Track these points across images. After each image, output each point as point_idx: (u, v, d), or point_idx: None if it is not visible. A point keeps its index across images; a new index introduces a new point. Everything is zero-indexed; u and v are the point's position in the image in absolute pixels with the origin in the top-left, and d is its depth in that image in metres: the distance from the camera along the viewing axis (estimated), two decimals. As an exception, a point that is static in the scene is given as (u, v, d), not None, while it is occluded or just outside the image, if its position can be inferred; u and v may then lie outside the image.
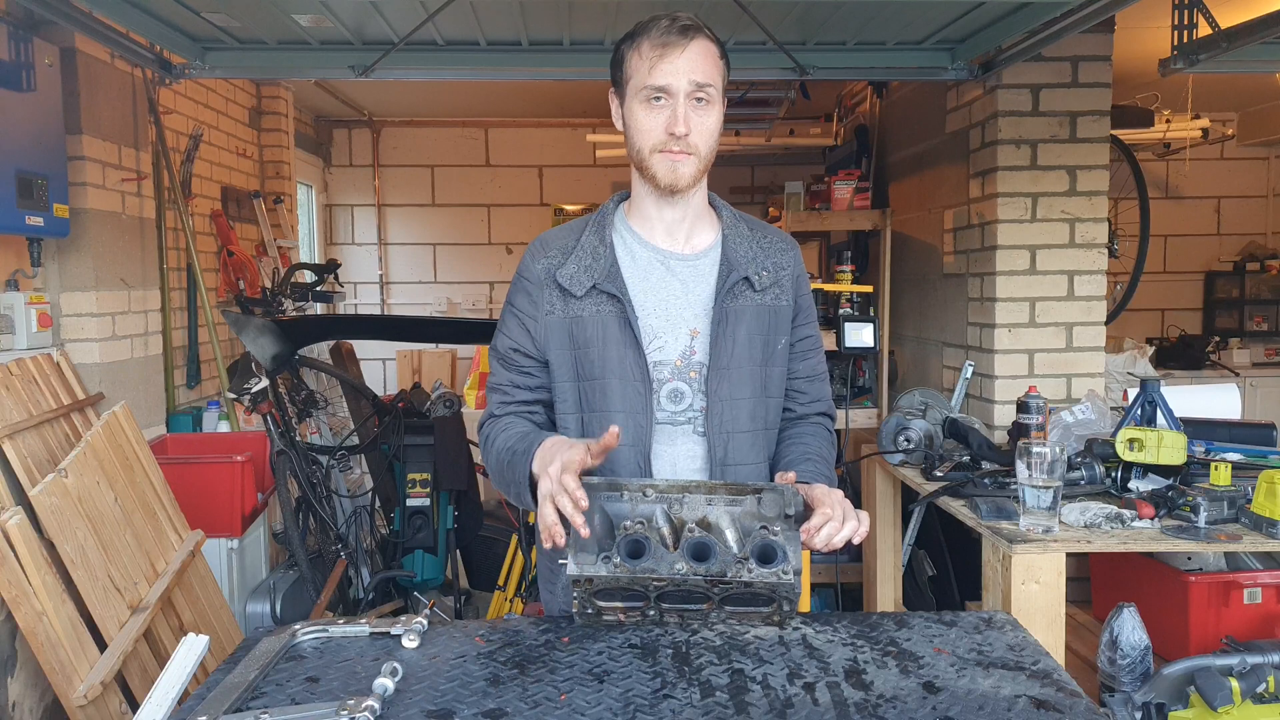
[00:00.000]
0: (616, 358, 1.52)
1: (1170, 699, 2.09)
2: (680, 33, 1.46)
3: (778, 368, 1.61)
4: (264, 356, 3.42)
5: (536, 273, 1.58)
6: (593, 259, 1.55)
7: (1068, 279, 3.30)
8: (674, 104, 1.47)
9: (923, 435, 3.02)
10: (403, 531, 3.64)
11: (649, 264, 1.57)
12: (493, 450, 1.55)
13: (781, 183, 4.50)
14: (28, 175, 2.71)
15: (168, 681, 1.27)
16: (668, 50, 1.46)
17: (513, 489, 1.51)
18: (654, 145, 1.49)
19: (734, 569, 1.30)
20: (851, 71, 3.45)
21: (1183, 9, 2.59)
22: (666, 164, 1.50)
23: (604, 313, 1.53)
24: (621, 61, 1.53)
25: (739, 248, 1.58)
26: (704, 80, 1.47)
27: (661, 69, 1.46)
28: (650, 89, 1.47)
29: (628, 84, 1.52)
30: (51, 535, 2.29)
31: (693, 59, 1.46)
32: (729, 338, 1.54)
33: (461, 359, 6.69)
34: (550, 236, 1.63)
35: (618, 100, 1.56)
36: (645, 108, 1.49)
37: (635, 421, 1.52)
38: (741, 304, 1.55)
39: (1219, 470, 2.34)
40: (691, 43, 1.47)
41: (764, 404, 1.59)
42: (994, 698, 1.14)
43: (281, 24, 2.89)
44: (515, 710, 1.12)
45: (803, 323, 1.65)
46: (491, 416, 1.62)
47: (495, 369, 1.64)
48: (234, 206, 4.68)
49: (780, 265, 1.61)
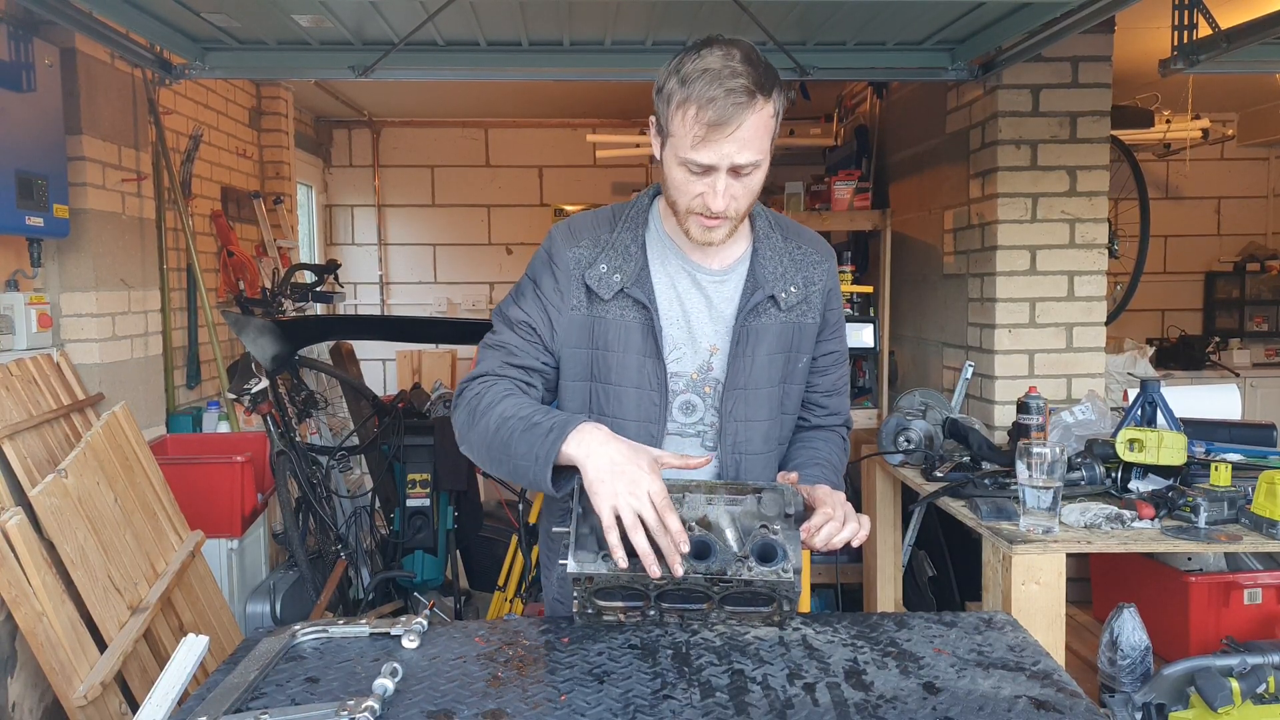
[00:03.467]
0: (636, 365, 1.49)
1: (1170, 699, 2.09)
2: (734, 109, 1.31)
3: (796, 385, 1.58)
4: (264, 357, 3.42)
5: (567, 262, 1.51)
6: (624, 259, 1.49)
7: (1068, 279, 3.30)
8: (716, 179, 1.37)
9: (923, 436, 3.02)
10: (403, 532, 3.64)
11: (678, 273, 1.53)
12: (492, 413, 1.40)
13: (781, 183, 4.49)
14: (28, 175, 2.71)
15: (168, 682, 1.27)
16: (712, 131, 1.32)
17: (524, 461, 1.34)
18: (689, 208, 1.42)
19: (734, 567, 1.30)
20: (851, 72, 3.45)
21: (1183, 9, 2.59)
22: (700, 227, 1.43)
23: (628, 318, 1.49)
24: (665, 103, 1.39)
25: (769, 262, 1.53)
26: (748, 159, 1.36)
27: (706, 150, 1.34)
28: (693, 162, 1.36)
29: (668, 137, 1.40)
30: (51, 536, 2.29)
31: (742, 140, 1.34)
32: (748, 357, 1.50)
33: (461, 359, 6.69)
34: (581, 224, 1.55)
35: (657, 134, 1.44)
36: (683, 171, 1.39)
37: (647, 431, 1.50)
38: (764, 322, 1.51)
39: (1219, 471, 2.34)
40: (744, 122, 1.33)
41: (779, 423, 1.56)
42: (994, 698, 1.14)
43: (281, 24, 2.89)
44: (515, 711, 1.12)
45: (829, 337, 1.61)
46: (489, 374, 1.49)
47: (500, 329, 1.53)
48: (234, 207, 4.68)
49: (810, 280, 1.56)
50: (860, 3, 2.70)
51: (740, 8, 2.65)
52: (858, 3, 2.70)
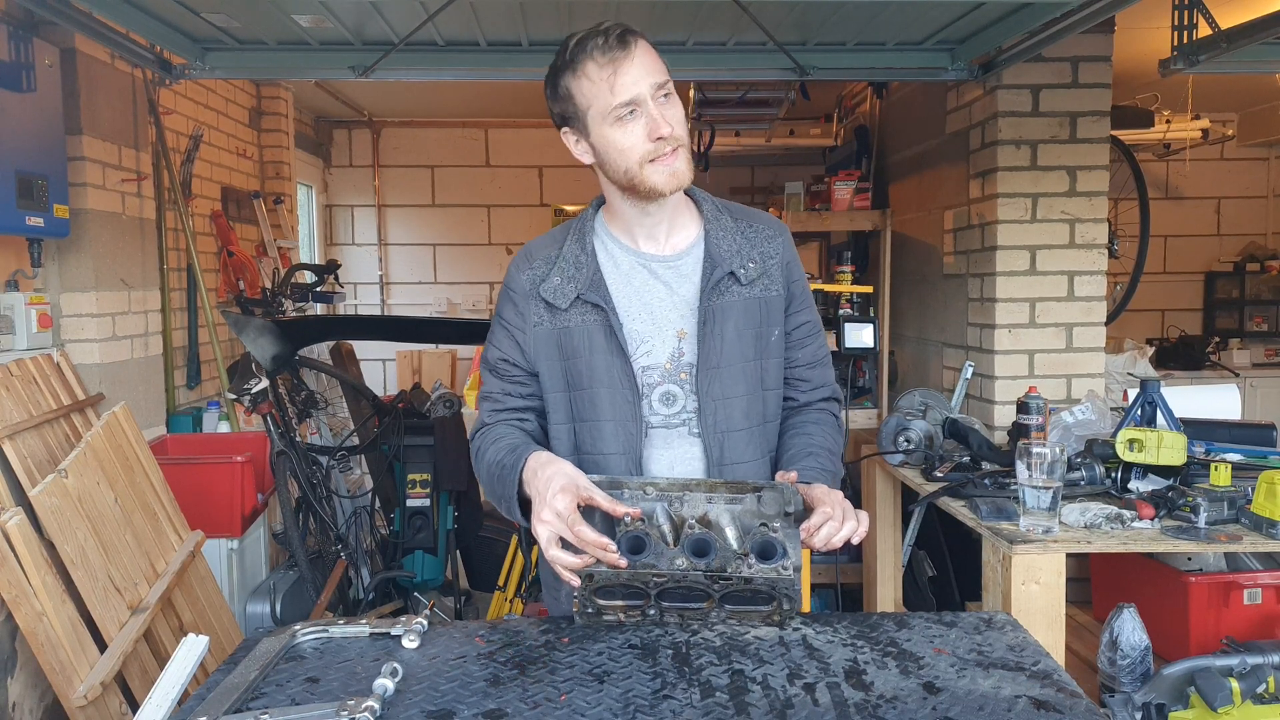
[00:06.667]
0: (604, 366, 1.51)
1: (1170, 699, 2.09)
2: (620, 43, 1.42)
3: (774, 359, 1.58)
4: (264, 357, 3.41)
5: (521, 284, 1.57)
6: (575, 269, 1.54)
7: (1068, 279, 3.30)
8: (646, 110, 1.43)
9: (923, 436, 3.02)
10: (403, 532, 3.64)
11: (631, 269, 1.55)
12: (483, 463, 1.55)
13: (781, 183, 4.50)
14: (28, 176, 2.71)
15: (168, 682, 1.27)
16: (619, 64, 1.42)
17: (503, 504, 1.50)
18: (642, 157, 1.45)
19: (734, 564, 1.30)
20: (851, 72, 3.45)
21: (1183, 9, 2.59)
22: (664, 170, 1.45)
23: (589, 322, 1.52)
24: (568, 95, 1.47)
25: (722, 241, 1.55)
26: (661, 79, 1.44)
27: (622, 83, 1.42)
28: (619, 107, 1.42)
29: (587, 113, 1.46)
30: (51, 536, 2.29)
31: (644, 63, 1.43)
32: (716, 336, 1.51)
33: (461, 359, 6.69)
34: (534, 247, 1.61)
35: (576, 134, 1.51)
36: (618, 127, 1.44)
37: (625, 430, 1.51)
38: (728, 300, 1.53)
39: (1219, 471, 2.34)
40: (636, 48, 1.43)
41: (760, 399, 1.56)
42: (994, 698, 1.14)
43: (281, 24, 2.89)
44: (515, 711, 1.12)
45: (798, 309, 1.61)
46: (483, 426, 1.60)
47: (486, 378, 1.62)
48: (234, 207, 4.68)
49: (768, 254, 1.57)
50: (860, 3, 2.70)
51: (740, 8, 2.65)
52: (858, 3, 2.70)
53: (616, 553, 1.28)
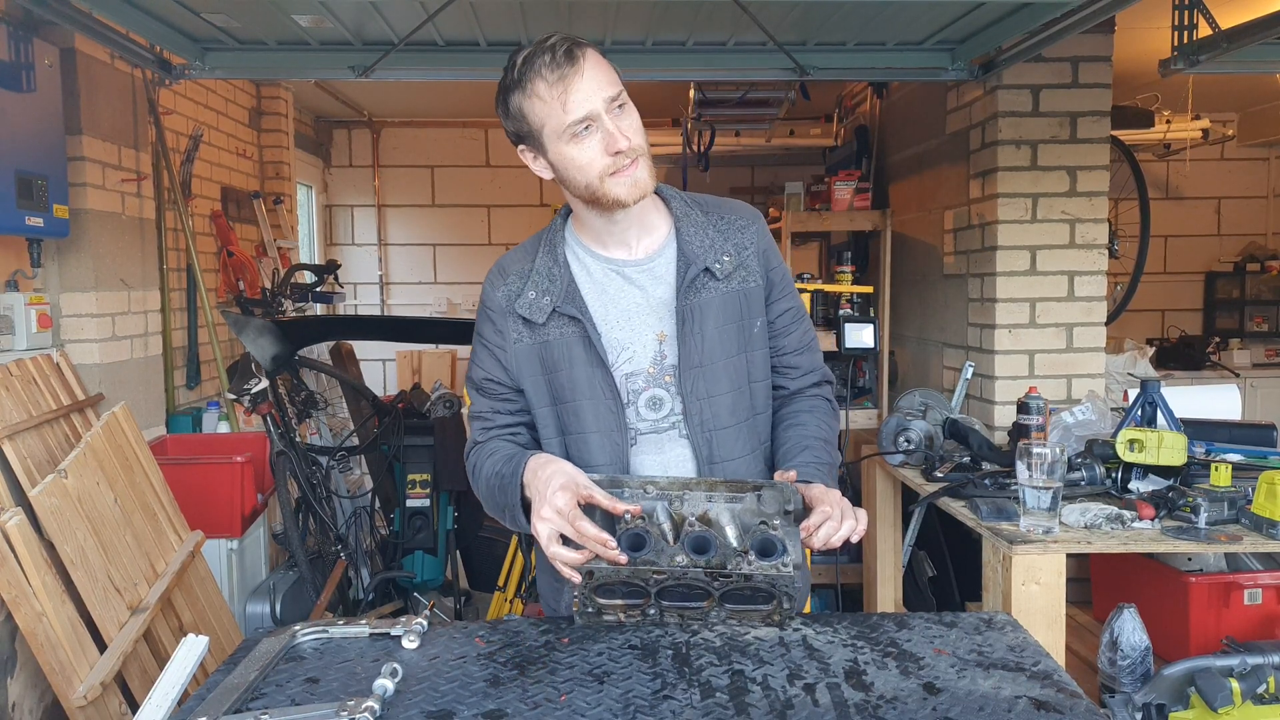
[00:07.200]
0: (585, 378, 1.50)
1: (1171, 700, 2.09)
2: (568, 58, 1.39)
3: (758, 351, 1.56)
4: (264, 357, 3.41)
5: (498, 301, 1.55)
6: (549, 281, 1.52)
7: (1068, 280, 3.29)
8: (601, 125, 1.41)
9: (923, 436, 3.01)
10: (403, 532, 3.64)
11: (605, 276, 1.54)
12: (481, 479, 1.54)
13: (781, 183, 4.50)
14: (28, 176, 2.71)
15: (168, 682, 1.27)
16: (569, 80, 1.39)
17: (506, 513, 1.49)
18: (601, 172, 1.43)
19: (734, 561, 1.30)
20: (851, 72, 3.45)
21: (1183, 9, 2.59)
22: (624, 182, 1.43)
23: (568, 335, 1.50)
24: (520, 115, 1.44)
25: (694, 238, 1.53)
26: (614, 91, 1.42)
27: (574, 101, 1.39)
28: (574, 124, 1.40)
29: (542, 132, 1.44)
30: (51, 536, 2.29)
31: (594, 76, 1.40)
32: (696, 335, 1.50)
33: (461, 359, 6.69)
34: (507, 261, 1.59)
35: (533, 151, 1.49)
36: (574, 144, 1.42)
37: (611, 440, 1.51)
38: (705, 297, 1.51)
39: (1219, 471, 2.34)
40: (585, 61, 1.40)
41: (746, 393, 1.55)
42: (994, 699, 1.14)
43: (281, 24, 2.89)
44: (515, 711, 1.12)
45: (779, 296, 1.59)
46: (475, 445, 1.59)
47: (474, 398, 1.62)
48: (234, 207, 4.68)
49: (743, 245, 1.55)
50: (860, 3, 2.70)
51: (740, 8, 2.65)
52: (858, 3, 2.70)
53: (617, 549, 1.28)
